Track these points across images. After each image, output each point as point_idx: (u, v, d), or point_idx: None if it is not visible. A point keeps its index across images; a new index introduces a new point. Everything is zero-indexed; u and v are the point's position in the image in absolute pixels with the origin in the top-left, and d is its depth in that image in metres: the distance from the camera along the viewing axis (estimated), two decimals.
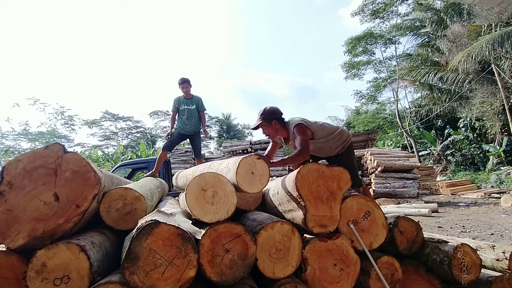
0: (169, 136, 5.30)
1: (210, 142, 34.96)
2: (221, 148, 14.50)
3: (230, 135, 34.57)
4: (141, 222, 1.43)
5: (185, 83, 5.18)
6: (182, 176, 3.51)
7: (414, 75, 17.77)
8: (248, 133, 37.80)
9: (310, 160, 2.75)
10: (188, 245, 1.41)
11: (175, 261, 1.38)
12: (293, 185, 1.76)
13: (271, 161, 2.32)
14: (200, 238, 1.51)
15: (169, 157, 10.64)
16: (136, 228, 1.38)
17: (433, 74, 16.88)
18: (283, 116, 2.76)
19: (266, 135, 2.79)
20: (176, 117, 5.29)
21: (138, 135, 34.41)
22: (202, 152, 5.67)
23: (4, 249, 1.42)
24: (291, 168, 3.08)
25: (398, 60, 22.87)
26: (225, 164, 2.06)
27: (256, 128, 2.78)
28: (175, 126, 5.37)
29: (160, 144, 29.62)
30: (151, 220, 1.39)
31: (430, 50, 18.30)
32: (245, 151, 11.82)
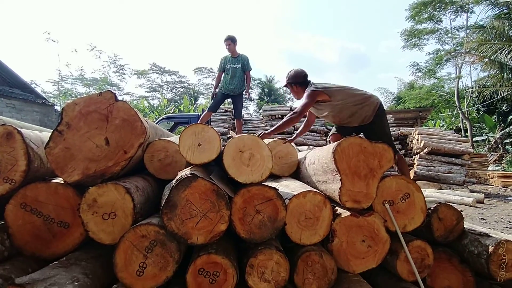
0: (214, 96, 5.39)
1: (250, 104, 35.04)
2: (260, 111, 14.49)
3: (271, 99, 34.15)
4: (181, 174, 1.51)
5: (227, 40, 5.17)
6: None
7: (484, 50, 15.66)
8: (289, 99, 37.13)
9: (354, 134, 2.67)
10: (222, 201, 1.47)
11: (208, 214, 1.46)
12: (331, 157, 1.72)
13: (268, 131, 2.44)
14: (233, 197, 1.57)
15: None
16: (176, 179, 1.47)
17: (506, 51, 14.72)
18: (309, 80, 2.84)
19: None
20: (222, 76, 5.34)
21: (182, 90, 35.44)
22: (241, 113, 5.80)
23: (62, 182, 1.60)
24: (329, 140, 3.04)
25: (468, 31, 20.17)
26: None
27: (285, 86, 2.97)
28: (218, 85, 5.43)
29: (201, 101, 30.39)
30: (190, 174, 1.46)
31: (507, 24, 15.77)
32: (284, 117, 11.70)
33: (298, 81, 2.82)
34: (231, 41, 5.15)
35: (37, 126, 2.65)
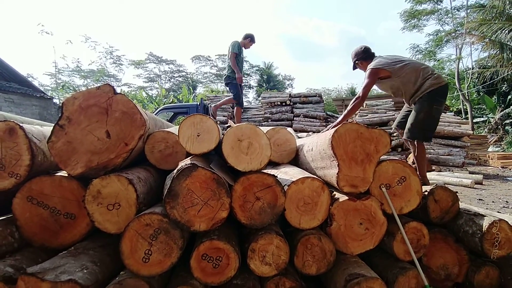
0: (240, 83, 5.39)
1: (249, 92, 34.84)
2: (259, 99, 14.43)
3: (269, 86, 33.89)
4: (181, 164, 1.55)
5: (254, 42, 5.46)
6: None
7: (484, 30, 15.43)
8: (288, 85, 36.89)
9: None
10: (222, 189, 1.51)
11: (209, 202, 1.50)
12: (329, 143, 1.75)
13: (337, 121, 2.53)
14: (233, 185, 1.61)
15: (209, 104, 10.89)
16: (176, 169, 1.51)
17: (507, 31, 14.52)
18: (372, 52, 2.93)
19: None
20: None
21: (180, 79, 35.21)
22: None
23: (66, 175, 1.64)
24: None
25: (468, 11, 19.83)
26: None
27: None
28: (234, 76, 5.41)
29: (200, 90, 30.17)
30: (190, 164, 1.49)
31: (508, 2, 15.47)
32: (284, 103, 11.66)
33: (359, 57, 2.91)
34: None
35: (38, 121, 2.67)
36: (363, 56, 2.87)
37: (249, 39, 5.41)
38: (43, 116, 12.11)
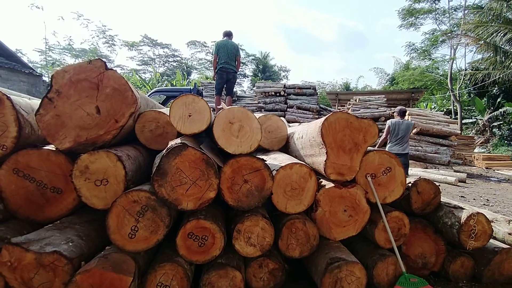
0: None
1: (244, 81, 34.57)
2: (254, 88, 14.34)
3: (265, 76, 33.63)
4: (171, 143, 1.55)
5: None
6: None
7: (480, 32, 15.56)
8: (283, 76, 36.69)
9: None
10: (211, 170, 1.53)
11: (198, 182, 1.52)
12: (319, 131, 1.77)
13: None
14: (222, 166, 1.62)
15: (202, 89, 10.77)
16: (166, 148, 1.51)
17: (502, 34, 14.68)
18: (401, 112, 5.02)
19: None
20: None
21: (175, 64, 34.63)
22: (234, 90, 6.19)
23: (54, 149, 1.62)
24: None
25: (466, 12, 19.93)
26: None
27: None
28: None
29: (194, 76, 29.79)
30: (180, 143, 1.50)
31: (505, 5, 15.59)
32: (278, 94, 11.62)
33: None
34: None
35: (26, 95, 2.61)
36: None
37: None
38: (32, 93, 11.79)
